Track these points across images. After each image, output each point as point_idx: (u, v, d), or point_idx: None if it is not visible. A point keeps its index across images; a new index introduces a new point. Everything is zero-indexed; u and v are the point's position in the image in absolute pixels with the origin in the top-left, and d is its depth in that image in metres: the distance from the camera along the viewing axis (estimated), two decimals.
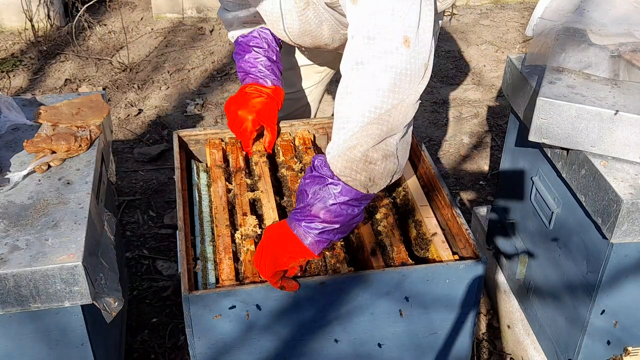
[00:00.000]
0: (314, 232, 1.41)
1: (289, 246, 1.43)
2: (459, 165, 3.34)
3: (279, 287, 1.45)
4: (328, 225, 1.40)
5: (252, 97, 1.88)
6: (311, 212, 1.40)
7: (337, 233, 1.43)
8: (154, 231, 2.87)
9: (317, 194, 1.40)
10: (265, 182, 1.79)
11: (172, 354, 2.29)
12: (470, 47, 4.48)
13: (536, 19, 1.89)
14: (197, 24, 4.73)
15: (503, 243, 2.18)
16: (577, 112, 1.60)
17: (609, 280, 1.65)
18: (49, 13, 4.47)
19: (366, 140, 1.34)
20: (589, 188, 1.59)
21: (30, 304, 1.45)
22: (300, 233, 1.42)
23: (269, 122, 1.89)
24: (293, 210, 1.46)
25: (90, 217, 1.56)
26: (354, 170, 1.37)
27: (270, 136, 1.92)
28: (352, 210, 1.41)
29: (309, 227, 1.41)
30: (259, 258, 1.48)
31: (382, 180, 1.41)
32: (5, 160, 1.73)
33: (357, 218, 1.45)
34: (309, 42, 1.83)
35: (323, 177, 1.40)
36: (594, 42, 1.73)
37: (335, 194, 1.39)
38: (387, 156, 1.37)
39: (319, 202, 1.39)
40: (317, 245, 1.42)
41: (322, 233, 1.41)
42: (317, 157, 1.44)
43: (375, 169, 1.37)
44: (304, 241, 1.42)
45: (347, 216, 1.41)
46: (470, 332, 1.64)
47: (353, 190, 1.39)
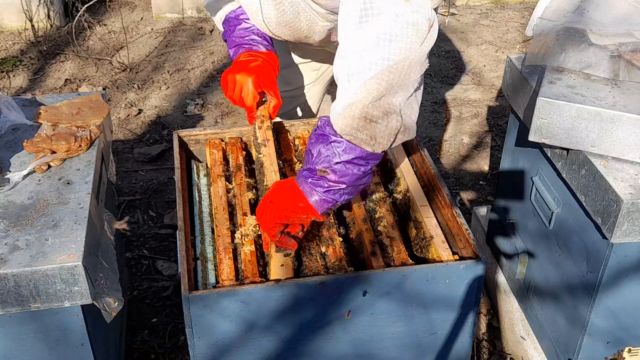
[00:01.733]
0: (319, 190, 1.40)
1: (294, 200, 1.42)
2: (459, 165, 3.34)
3: (276, 242, 1.44)
4: (334, 185, 1.39)
5: (249, 63, 1.83)
6: (317, 172, 1.40)
7: (344, 194, 1.41)
8: (154, 231, 2.87)
9: (321, 153, 1.39)
10: (269, 147, 1.75)
11: (172, 354, 2.29)
12: (470, 47, 4.48)
13: (536, 19, 1.89)
14: (197, 24, 4.73)
15: (503, 243, 2.18)
16: (577, 112, 1.60)
17: (609, 281, 1.65)
18: (49, 13, 4.47)
19: (364, 96, 1.33)
20: (589, 188, 1.59)
21: (30, 304, 1.45)
22: (306, 190, 1.41)
23: (270, 86, 1.83)
24: (301, 169, 1.45)
25: (90, 217, 1.56)
26: (354, 128, 1.35)
27: (275, 101, 1.84)
28: (358, 169, 1.39)
29: (315, 185, 1.40)
30: (262, 209, 1.46)
31: (384, 139, 1.38)
32: (5, 160, 1.73)
33: (364, 179, 1.43)
34: (288, 33, 1.81)
35: (326, 135, 1.39)
36: (594, 42, 1.73)
37: (339, 152, 1.38)
38: (388, 113, 1.35)
39: (324, 162, 1.39)
40: (322, 204, 1.41)
41: (327, 192, 1.39)
42: (321, 117, 1.44)
43: (377, 127, 1.36)
44: (309, 198, 1.41)
45: (353, 176, 1.39)
46: (470, 332, 1.64)
47: (357, 148, 1.37)
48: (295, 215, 1.44)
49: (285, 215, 1.44)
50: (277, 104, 1.84)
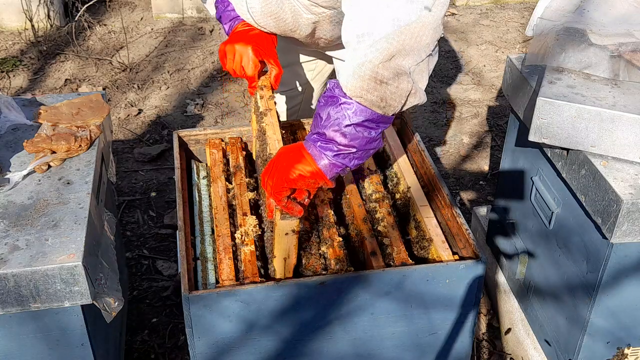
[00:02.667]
0: (329, 154, 1.37)
1: (302, 164, 1.38)
2: (459, 165, 3.34)
3: (282, 206, 1.40)
4: (344, 149, 1.36)
5: (247, 32, 1.78)
6: (327, 136, 1.36)
7: (353, 158, 1.38)
8: (154, 231, 2.87)
9: (331, 116, 1.36)
10: (271, 116, 1.71)
11: (172, 354, 2.29)
12: (470, 47, 4.48)
13: (536, 18, 1.89)
14: (197, 24, 4.73)
15: (503, 243, 2.18)
16: (577, 112, 1.60)
17: (609, 280, 1.65)
18: (49, 13, 4.47)
19: (375, 56, 1.31)
20: (589, 188, 1.59)
21: (30, 304, 1.45)
22: (315, 153, 1.37)
23: (270, 55, 1.79)
24: (309, 133, 1.42)
25: (90, 217, 1.56)
26: (364, 90, 1.33)
27: (277, 69, 1.79)
28: (368, 133, 1.36)
29: (324, 149, 1.37)
30: (268, 173, 1.42)
31: (395, 101, 1.36)
32: (5, 160, 1.73)
33: (375, 143, 1.39)
34: (273, 25, 1.78)
35: (336, 97, 1.36)
36: (594, 42, 1.73)
37: (349, 114, 1.35)
38: (398, 75, 1.33)
39: (333, 125, 1.36)
40: (331, 168, 1.38)
41: (337, 156, 1.36)
42: (330, 80, 1.41)
43: (387, 89, 1.33)
44: (318, 162, 1.37)
45: (363, 139, 1.36)
46: (470, 332, 1.64)
47: (367, 110, 1.35)
48: (304, 179, 1.39)
49: (293, 179, 1.39)
50: (278, 72, 1.79)
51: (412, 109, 3.74)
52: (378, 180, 1.84)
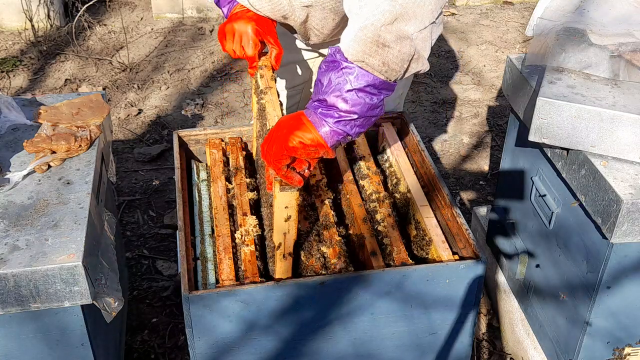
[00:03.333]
0: (329, 120, 1.34)
1: (303, 131, 1.36)
2: (459, 165, 3.34)
3: (282, 175, 1.37)
4: (345, 115, 1.34)
5: (246, 12, 1.76)
6: (328, 102, 1.35)
7: (355, 126, 1.36)
8: (154, 231, 2.87)
9: (332, 81, 1.34)
10: (271, 94, 1.67)
11: (172, 354, 2.29)
12: (470, 47, 4.48)
13: (536, 18, 1.89)
14: (197, 24, 4.73)
15: (503, 243, 2.18)
16: (577, 112, 1.60)
17: (609, 280, 1.65)
18: (49, 13, 4.47)
19: (377, 19, 1.30)
20: (589, 188, 1.59)
21: (30, 304, 1.45)
22: (315, 121, 1.35)
23: (270, 34, 1.75)
24: (309, 101, 1.40)
25: (90, 217, 1.56)
26: (366, 54, 1.32)
27: (277, 49, 1.75)
28: (370, 99, 1.35)
29: (325, 115, 1.35)
30: (268, 142, 1.39)
31: (397, 65, 1.34)
32: (5, 160, 1.73)
33: (376, 110, 1.37)
34: (268, 8, 1.75)
35: (337, 61, 1.34)
36: (594, 42, 1.73)
37: (351, 79, 1.33)
38: (401, 38, 1.32)
39: (334, 90, 1.34)
40: (332, 135, 1.35)
41: (338, 122, 1.34)
42: (331, 47, 1.39)
43: (389, 52, 1.32)
44: (319, 129, 1.35)
45: (365, 105, 1.34)
46: (470, 332, 1.64)
47: (369, 75, 1.33)
48: (304, 147, 1.36)
49: (293, 147, 1.36)
50: (279, 52, 1.75)
51: (412, 108, 3.74)
52: (378, 180, 1.84)
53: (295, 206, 1.42)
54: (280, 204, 1.42)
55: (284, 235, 1.47)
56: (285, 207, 1.42)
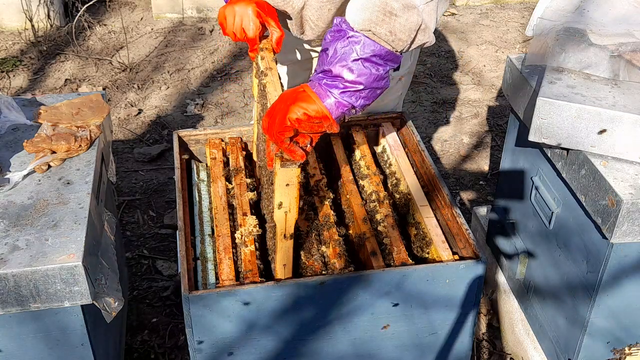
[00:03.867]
0: (335, 91, 1.32)
1: (307, 102, 1.33)
2: (459, 165, 3.34)
3: (284, 148, 1.34)
4: (350, 86, 1.32)
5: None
6: (333, 73, 1.33)
7: (360, 97, 1.34)
8: (154, 231, 2.87)
9: (337, 51, 1.32)
10: (272, 75, 1.63)
11: (172, 354, 2.29)
12: (470, 47, 4.48)
13: (536, 19, 1.89)
14: (197, 24, 4.73)
15: (503, 243, 2.18)
16: (577, 112, 1.60)
17: (609, 280, 1.65)
18: (49, 13, 4.47)
19: None
20: (589, 188, 1.59)
21: (30, 304, 1.45)
22: (320, 92, 1.33)
23: (272, 17, 1.72)
24: (314, 73, 1.38)
25: (90, 217, 1.56)
26: (373, 22, 1.31)
27: (278, 32, 1.71)
28: (376, 69, 1.33)
29: (330, 86, 1.32)
30: (269, 114, 1.36)
31: (404, 34, 1.33)
32: (5, 160, 1.73)
33: (382, 82, 1.36)
34: None
35: (343, 31, 1.33)
36: (594, 42, 1.73)
37: (357, 49, 1.31)
38: (407, 7, 1.31)
39: (340, 60, 1.32)
40: (337, 107, 1.33)
41: (343, 93, 1.32)
42: (337, 17, 1.38)
43: (396, 21, 1.31)
44: (324, 100, 1.33)
45: (370, 76, 1.33)
46: (470, 332, 1.64)
47: (376, 44, 1.32)
48: (308, 120, 1.34)
49: (297, 119, 1.33)
50: (280, 35, 1.72)
51: (412, 108, 3.74)
52: (378, 180, 1.84)
53: (296, 183, 1.38)
54: (281, 181, 1.37)
55: (285, 215, 1.42)
56: (287, 185, 1.38)
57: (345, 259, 1.58)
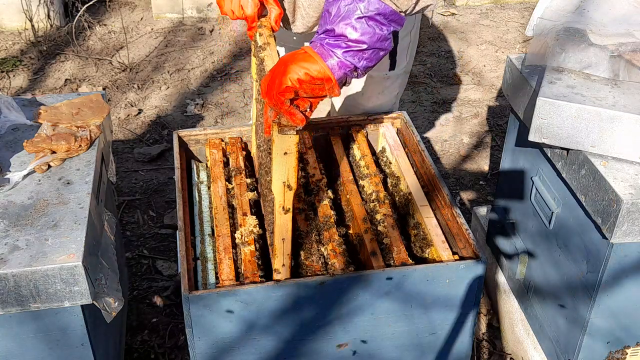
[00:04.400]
0: (338, 51, 1.31)
1: (309, 62, 1.30)
2: (459, 165, 3.34)
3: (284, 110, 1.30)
4: (354, 45, 1.31)
5: None
6: (335, 32, 1.31)
7: (362, 58, 1.32)
8: (154, 231, 2.87)
9: (340, 9, 1.31)
10: (270, 49, 1.59)
11: (172, 354, 2.29)
12: (470, 47, 4.48)
13: (536, 19, 1.89)
14: (197, 24, 4.73)
15: (503, 243, 2.18)
16: (577, 112, 1.60)
17: (609, 280, 1.65)
18: (49, 13, 4.46)
19: None
20: (589, 188, 1.59)
21: (30, 304, 1.45)
22: (322, 52, 1.31)
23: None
24: (316, 34, 1.36)
25: (90, 217, 1.56)
26: None
27: (277, 10, 1.68)
28: (380, 29, 1.32)
29: (332, 46, 1.30)
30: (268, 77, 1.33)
31: None
32: (5, 160, 1.73)
33: (385, 43, 1.34)
34: None
35: None
36: (594, 42, 1.73)
37: (360, 7, 1.30)
38: None
39: (344, 18, 1.30)
40: (339, 67, 1.31)
41: (347, 52, 1.30)
42: None
43: None
44: (326, 60, 1.31)
45: (374, 35, 1.31)
46: (470, 332, 1.64)
47: (380, 3, 1.31)
48: (310, 81, 1.31)
49: (299, 79, 1.29)
50: (278, 13, 1.68)
51: (412, 108, 3.74)
52: (378, 180, 1.84)
53: (295, 152, 1.33)
54: (279, 149, 1.32)
55: (283, 185, 1.37)
56: (285, 154, 1.32)
57: (345, 259, 1.58)
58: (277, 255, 1.48)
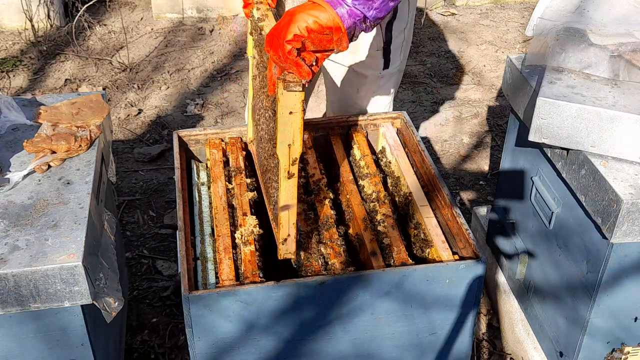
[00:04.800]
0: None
1: (317, 10, 1.27)
2: (459, 165, 3.34)
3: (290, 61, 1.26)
4: None
5: None
6: None
7: (372, 8, 1.30)
8: (154, 231, 2.87)
9: None
10: (269, 19, 1.55)
11: (172, 354, 2.29)
12: (470, 47, 4.48)
13: (536, 19, 1.89)
14: (197, 24, 4.73)
15: (503, 243, 2.17)
16: (577, 112, 1.60)
17: (609, 281, 1.65)
18: (49, 13, 4.46)
19: None
20: (589, 188, 1.59)
21: (30, 304, 1.45)
22: (332, 0, 1.29)
23: None
24: None
25: (90, 217, 1.56)
26: None
27: None
28: None
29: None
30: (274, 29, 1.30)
31: None
32: (5, 160, 1.73)
33: None
34: None
35: None
36: (594, 42, 1.73)
37: None
38: None
39: None
40: (349, 15, 1.29)
41: (356, 0, 1.28)
42: None
43: None
44: (335, 7, 1.28)
45: None
46: (470, 332, 1.64)
47: None
48: (319, 30, 1.27)
49: (307, 27, 1.26)
50: None
51: (412, 108, 3.74)
52: (378, 180, 1.84)
53: (300, 111, 1.28)
54: (284, 107, 1.27)
55: (289, 147, 1.32)
56: (290, 113, 1.28)
57: (345, 259, 1.58)
58: (281, 225, 1.39)
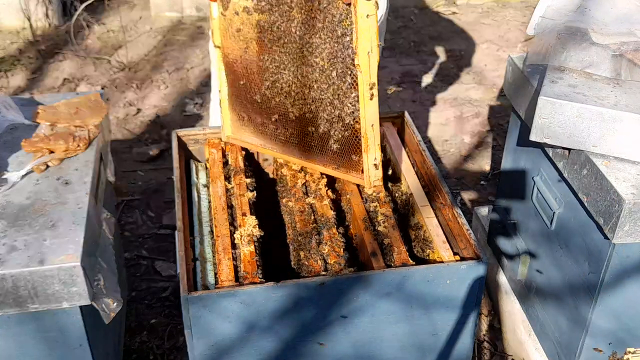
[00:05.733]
0: None
1: None
2: (460, 165, 3.33)
3: None
4: None
5: None
6: None
7: None
8: (153, 231, 2.86)
9: None
10: None
11: (171, 355, 2.28)
12: (471, 46, 4.48)
13: (538, 17, 1.89)
14: (196, 23, 4.72)
15: (504, 243, 2.17)
16: (579, 111, 1.59)
17: (611, 281, 1.64)
18: (47, 12, 4.46)
19: None
20: (591, 188, 1.58)
21: (28, 304, 1.44)
22: None
23: None
24: None
25: (88, 218, 1.55)
26: None
27: None
28: None
29: None
30: None
31: None
32: (4, 160, 1.72)
33: None
34: None
35: None
36: (596, 41, 1.72)
37: None
38: None
39: None
40: None
41: None
42: None
43: None
44: None
45: None
46: (471, 333, 1.63)
47: None
48: None
49: None
50: None
51: (412, 108, 3.73)
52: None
53: (376, 14, 1.31)
54: (362, 14, 1.29)
55: (368, 56, 1.33)
56: (367, 16, 1.30)
57: (346, 260, 1.57)
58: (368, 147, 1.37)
